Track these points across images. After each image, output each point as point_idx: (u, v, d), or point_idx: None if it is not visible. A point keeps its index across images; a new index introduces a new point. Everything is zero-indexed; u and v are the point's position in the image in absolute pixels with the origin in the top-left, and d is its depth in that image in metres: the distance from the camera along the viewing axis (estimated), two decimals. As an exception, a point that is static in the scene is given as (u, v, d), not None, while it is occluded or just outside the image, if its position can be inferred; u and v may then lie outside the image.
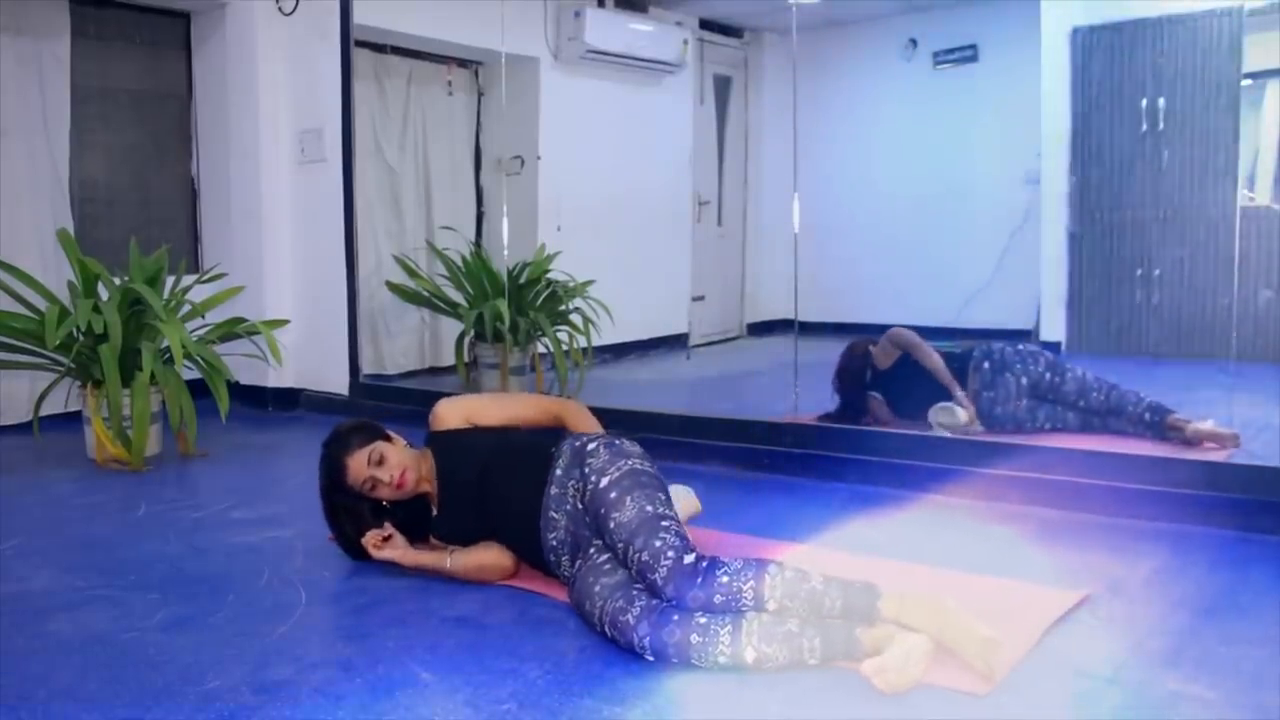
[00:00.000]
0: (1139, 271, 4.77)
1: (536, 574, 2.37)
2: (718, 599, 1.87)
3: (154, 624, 2.16)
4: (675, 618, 1.87)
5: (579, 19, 5.51)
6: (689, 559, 1.92)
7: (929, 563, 2.45)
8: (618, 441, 2.25)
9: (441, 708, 1.74)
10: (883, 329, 4.01)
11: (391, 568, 2.49)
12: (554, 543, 2.23)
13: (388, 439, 2.46)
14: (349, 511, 2.45)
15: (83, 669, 1.92)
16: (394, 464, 2.38)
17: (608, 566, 2.09)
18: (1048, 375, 3.62)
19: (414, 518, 2.48)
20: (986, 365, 3.68)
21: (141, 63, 5.08)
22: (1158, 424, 3.44)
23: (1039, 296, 5.05)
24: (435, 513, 2.47)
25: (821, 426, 3.64)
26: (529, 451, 2.35)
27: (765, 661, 1.84)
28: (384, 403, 4.71)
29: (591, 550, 2.16)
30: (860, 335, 4.04)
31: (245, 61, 4.94)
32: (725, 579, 1.87)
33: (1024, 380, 3.62)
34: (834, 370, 3.95)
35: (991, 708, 1.72)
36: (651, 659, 1.90)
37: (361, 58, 5.04)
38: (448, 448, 2.46)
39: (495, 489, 2.34)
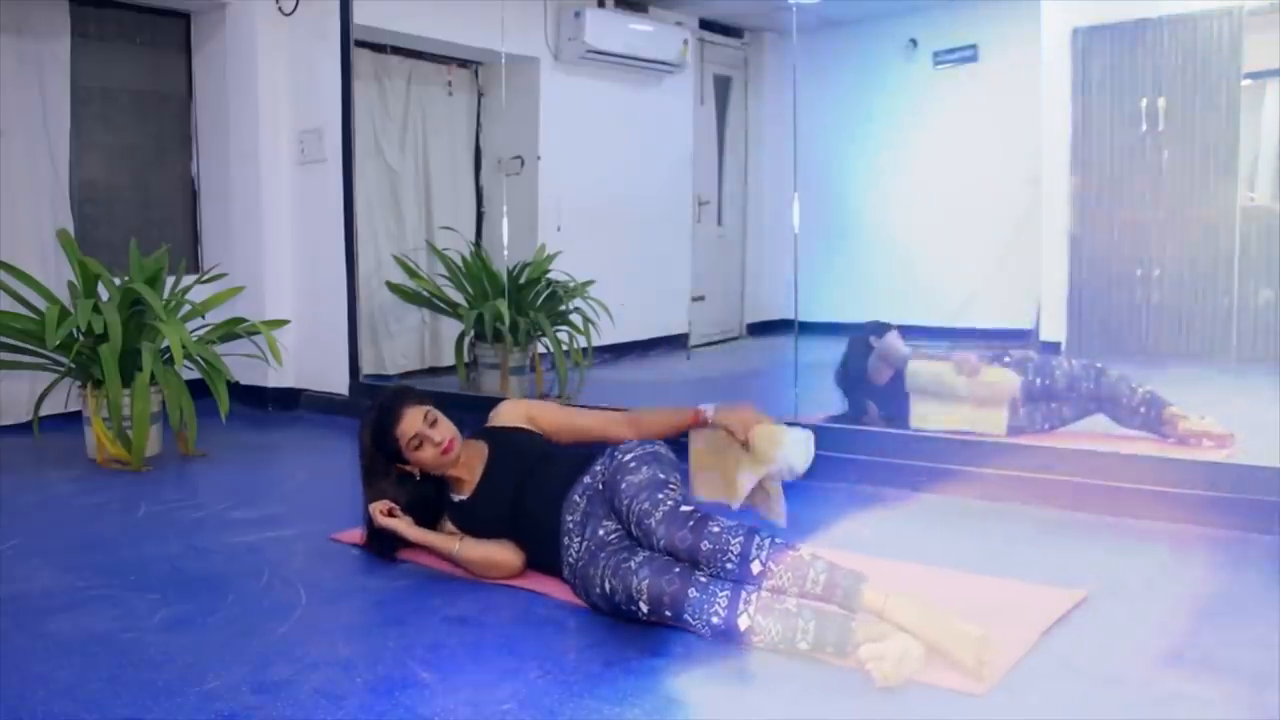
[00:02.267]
0: (1139, 271, 4.76)
1: (538, 574, 2.37)
2: (705, 546, 1.93)
3: (154, 624, 2.16)
4: (677, 570, 1.94)
5: (579, 19, 5.51)
6: (685, 508, 2.02)
7: (928, 562, 2.45)
8: (651, 443, 2.35)
9: (441, 708, 1.74)
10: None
11: (393, 567, 2.49)
12: (570, 524, 2.27)
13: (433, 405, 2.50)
14: (384, 474, 2.47)
15: (83, 669, 1.92)
16: (445, 431, 2.42)
17: (614, 538, 2.17)
18: (1037, 380, 3.62)
19: (430, 500, 2.50)
20: None
21: (141, 63, 5.08)
22: (1154, 419, 3.43)
23: (1039, 296, 5.04)
24: (464, 498, 2.47)
25: (821, 426, 3.63)
26: (576, 455, 2.42)
27: (756, 632, 1.87)
28: (384, 403, 4.70)
29: (600, 531, 2.21)
30: (859, 331, 4.04)
31: (245, 62, 4.94)
32: (716, 529, 1.95)
33: (1018, 392, 3.62)
34: (836, 366, 3.95)
35: (991, 708, 1.72)
36: (645, 609, 1.94)
37: (361, 58, 5.04)
38: (505, 442, 2.51)
39: (536, 488, 2.37)
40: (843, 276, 5.80)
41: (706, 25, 6.49)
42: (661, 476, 2.14)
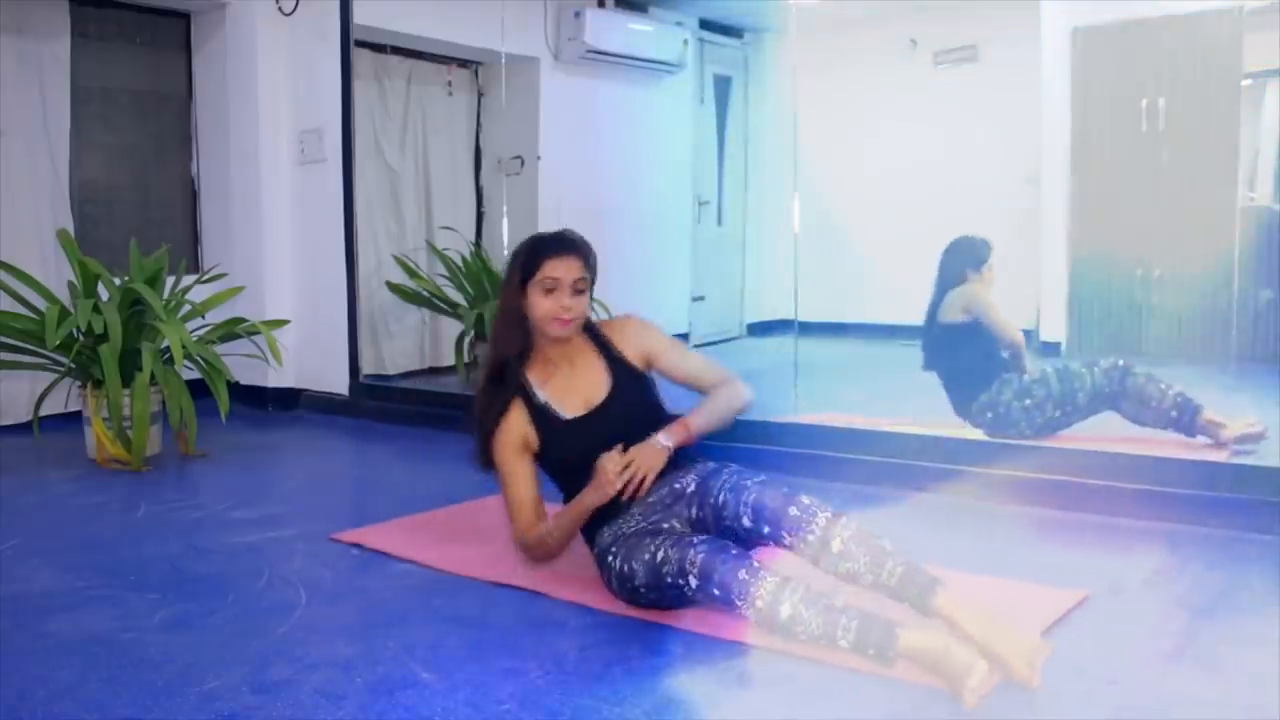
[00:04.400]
0: (1139, 272, 4.76)
1: (537, 574, 2.38)
2: (793, 511, 1.99)
3: (154, 624, 2.16)
4: (734, 551, 1.96)
5: (579, 19, 5.51)
6: (783, 483, 2.09)
7: (930, 563, 2.44)
8: None
9: (441, 708, 1.74)
10: (883, 329, 4.00)
11: (393, 567, 2.49)
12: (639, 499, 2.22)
13: (592, 288, 2.41)
14: (513, 288, 2.34)
15: (83, 669, 1.92)
16: (578, 306, 2.33)
17: (666, 527, 2.18)
18: (1057, 414, 3.51)
19: (509, 356, 2.38)
20: (990, 415, 3.58)
21: (141, 63, 5.08)
22: (1189, 423, 3.36)
23: (1039, 296, 5.04)
24: (570, 417, 2.34)
25: (822, 426, 3.64)
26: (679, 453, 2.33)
27: (797, 622, 1.85)
28: (384, 403, 4.71)
29: (656, 517, 2.21)
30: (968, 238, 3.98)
31: (245, 62, 4.94)
32: (807, 501, 2.01)
33: (1028, 431, 3.53)
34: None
35: (992, 708, 1.72)
36: (695, 584, 1.94)
37: (361, 58, 5.04)
38: (630, 385, 2.39)
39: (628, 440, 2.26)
40: (843, 276, 5.80)
41: (706, 25, 6.49)
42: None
